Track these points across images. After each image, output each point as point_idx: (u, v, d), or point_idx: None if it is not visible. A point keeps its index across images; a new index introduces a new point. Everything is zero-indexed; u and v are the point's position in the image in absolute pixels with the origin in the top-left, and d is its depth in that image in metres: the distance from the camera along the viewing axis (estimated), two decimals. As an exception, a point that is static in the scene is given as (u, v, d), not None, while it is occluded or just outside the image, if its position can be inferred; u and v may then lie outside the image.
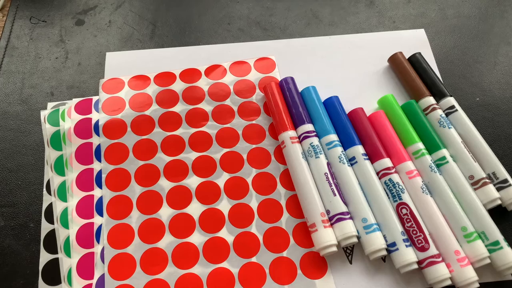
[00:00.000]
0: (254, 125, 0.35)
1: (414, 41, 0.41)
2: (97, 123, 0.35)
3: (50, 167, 0.33)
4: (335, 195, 0.30)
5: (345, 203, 0.30)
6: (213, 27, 0.41)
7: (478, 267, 0.28)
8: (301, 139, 0.33)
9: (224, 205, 0.32)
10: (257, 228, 0.31)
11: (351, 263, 0.30)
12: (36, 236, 0.31)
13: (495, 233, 0.29)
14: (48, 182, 0.33)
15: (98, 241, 0.30)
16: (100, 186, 0.32)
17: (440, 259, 0.28)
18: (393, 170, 0.31)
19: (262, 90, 0.37)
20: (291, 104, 0.34)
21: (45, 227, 0.31)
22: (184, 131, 0.35)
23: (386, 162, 0.31)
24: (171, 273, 0.29)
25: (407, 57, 0.38)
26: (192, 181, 0.33)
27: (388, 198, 0.30)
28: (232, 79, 0.38)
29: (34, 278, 0.29)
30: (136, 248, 0.30)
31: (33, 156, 0.34)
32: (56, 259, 0.30)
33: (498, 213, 0.32)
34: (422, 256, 0.28)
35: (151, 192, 0.32)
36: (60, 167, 0.33)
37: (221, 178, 0.33)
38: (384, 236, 0.29)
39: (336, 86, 0.38)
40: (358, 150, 0.32)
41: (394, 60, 0.38)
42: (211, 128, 0.35)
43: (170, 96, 0.36)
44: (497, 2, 0.44)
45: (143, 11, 0.42)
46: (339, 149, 0.32)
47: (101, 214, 0.31)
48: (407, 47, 0.40)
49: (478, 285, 0.28)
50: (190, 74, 0.38)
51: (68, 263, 0.29)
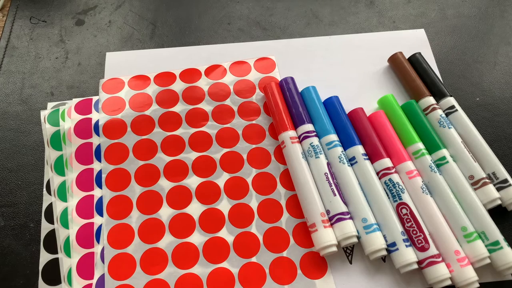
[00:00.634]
0: (254, 125, 0.35)
1: (414, 41, 0.41)
2: (97, 123, 0.35)
3: (50, 167, 0.33)
4: (335, 195, 0.30)
5: (345, 203, 0.30)
6: (213, 27, 0.41)
7: (478, 267, 0.28)
8: (301, 139, 0.33)
9: (224, 205, 0.32)
10: (257, 228, 0.31)
11: (351, 263, 0.30)
12: (36, 236, 0.31)
13: (495, 233, 0.29)
14: (48, 182, 0.33)
15: (98, 241, 0.30)
16: (100, 186, 0.32)
17: (440, 259, 0.28)
18: (393, 170, 0.31)
19: (262, 90, 0.37)
20: (291, 104, 0.34)
21: (45, 227, 0.31)
22: (184, 131, 0.35)
23: (386, 162, 0.31)
24: (171, 273, 0.29)
25: (407, 57, 0.38)
26: (192, 181, 0.33)
27: (388, 198, 0.30)
28: (232, 79, 0.38)
29: (34, 278, 0.29)
30: (136, 248, 0.30)
31: (33, 156, 0.34)
32: (56, 259, 0.30)
33: (498, 213, 0.32)
34: (422, 256, 0.28)
35: (151, 192, 0.32)
36: (60, 167, 0.33)
37: (221, 178, 0.33)
38: (384, 236, 0.29)
39: (336, 86, 0.38)
40: (358, 150, 0.32)
41: (394, 60, 0.38)
42: (211, 128, 0.35)
43: (170, 96, 0.36)
44: (497, 2, 0.44)
45: (143, 11, 0.42)
46: (339, 149, 0.32)
47: (101, 214, 0.31)
48: (407, 47, 0.40)
49: (478, 285, 0.28)
50: (190, 74, 0.38)
51: (68, 263, 0.29)
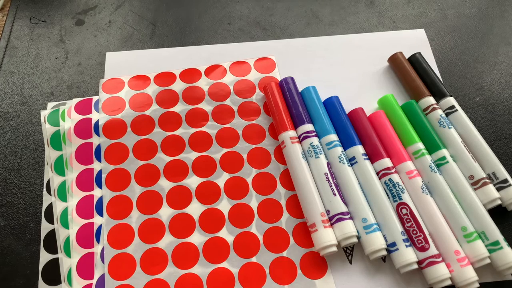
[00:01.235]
0: (254, 125, 0.35)
1: (414, 41, 0.41)
2: (97, 123, 0.35)
3: (50, 167, 0.33)
4: (335, 195, 0.30)
5: (345, 203, 0.30)
6: (213, 27, 0.41)
7: (478, 267, 0.28)
8: (301, 139, 0.33)
9: (224, 205, 0.32)
10: (257, 228, 0.31)
11: (351, 263, 0.30)
12: (36, 236, 0.31)
13: (495, 233, 0.29)
14: (48, 182, 0.33)
15: (98, 241, 0.30)
16: (100, 186, 0.32)
17: (440, 259, 0.28)
18: (393, 170, 0.31)
19: (262, 90, 0.37)
20: (291, 104, 0.34)
21: (45, 227, 0.31)
22: (184, 131, 0.35)
23: (386, 162, 0.31)
24: (171, 273, 0.29)
25: (407, 57, 0.38)
26: (192, 181, 0.33)
27: (388, 198, 0.30)
28: (232, 79, 0.38)
29: (34, 278, 0.29)
30: (136, 248, 0.30)
31: (33, 156, 0.34)
32: (56, 259, 0.30)
33: (498, 213, 0.32)
34: (422, 256, 0.28)
35: (151, 192, 0.32)
36: (60, 167, 0.33)
37: (221, 178, 0.33)
38: (384, 236, 0.29)
39: (336, 86, 0.38)
40: (358, 150, 0.32)
41: (394, 60, 0.38)
42: (211, 128, 0.35)
43: (170, 96, 0.36)
44: (497, 2, 0.44)
45: (143, 11, 0.42)
46: (339, 149, 0.32)
47: (101, 214, 0.31)
48: (407, 47, 0.40)
49: (478, 285, 0.28)
50: (190, 74, 0.38)
51: (68, 263, 0.29)
